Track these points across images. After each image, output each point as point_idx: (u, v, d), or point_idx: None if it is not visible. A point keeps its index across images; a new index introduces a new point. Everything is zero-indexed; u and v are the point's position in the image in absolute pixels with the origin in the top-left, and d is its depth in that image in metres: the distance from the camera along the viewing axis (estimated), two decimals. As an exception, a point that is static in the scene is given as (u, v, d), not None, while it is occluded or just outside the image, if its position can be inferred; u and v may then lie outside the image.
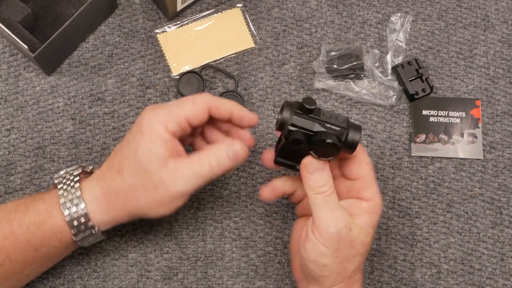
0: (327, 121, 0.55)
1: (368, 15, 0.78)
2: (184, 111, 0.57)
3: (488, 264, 0.71)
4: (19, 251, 0.57)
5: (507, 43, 0.78)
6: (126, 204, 0.57)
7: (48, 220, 0.57)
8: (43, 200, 0.59)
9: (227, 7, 0.77)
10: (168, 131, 0.56)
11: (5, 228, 0.57)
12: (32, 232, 0.57)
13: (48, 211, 0.58)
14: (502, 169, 0.74)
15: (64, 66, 0.74)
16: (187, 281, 0.69)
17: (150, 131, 0.56)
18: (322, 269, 0.56)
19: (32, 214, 0.57)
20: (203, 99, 0.58)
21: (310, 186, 0.56)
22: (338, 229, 0.54)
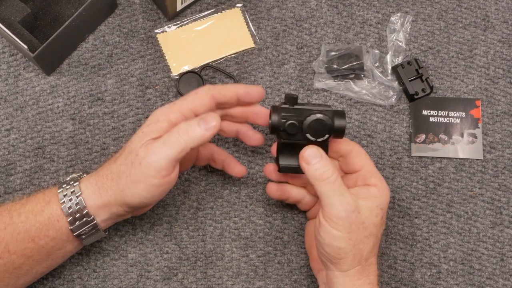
0: (312, 107, 0.60)
1: (368, 15, 0.78)
2: (187, 101, 0.58)
3: (488, 264, 0.71)
4: (17, 242, 0.58)
5: (507, 43, 0.78)
6: (116, 186, 0.58)
7: (46, 209, 0.59)
8: (43, 192, 0.61)
9: (227, 7, 0.77)
10: (168, 120, 0.58)
11: (5, 219, 0.59)
12: (30, 220, 0.58)
13: (47, 200, 0.59)
14: (502, 169, 0.74)
15: (64, 66, 0.74)
16: (187, 281, 0.69)
17: (151, 120, 0.58)
18: (338, 252, 0.58)
19: (31, 204, 0.59)
20: (205, 88, 0.60)
21: (313, 176, 0.58)
22: (347, 213, 0.57)
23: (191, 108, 0.58)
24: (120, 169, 0.58)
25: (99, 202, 0.59)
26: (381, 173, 0.72)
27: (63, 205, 0.58)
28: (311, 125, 0.60)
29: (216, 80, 0.75)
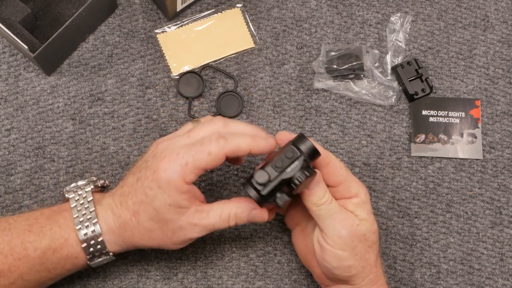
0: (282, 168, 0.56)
1: (368, 15, 0.78)
2: (201, 163, 0.55)
3: (487, 264, 0.71)
4: (33, 272, 0.58)
5: (507, 43, 0.78)
6: (141, 241, 0.59)
7: (64, 247, 0.58)
8: (58, 224, 0.58)
9: (227, 7, 0.77)
10: (186, 182, 0.56)
11: (19, 250, 0.57)
12: (47, 256, 0.58)
13: (64, 237, 0.58)
14: (502, 169, 0.74)
15: (64, 66, 0.75)
16: (187, 281, 0.69)
17: (168, 185, 0.55)
18: (348, 271, 0.58)
19: (48, 240, 0.57)
20: (219, 148, 0.55)
21: (312, 201, 0.58)
22: (348, 230, 0.57)
23: (203, 169, 0.56)
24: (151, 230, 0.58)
25: (120, 248, 0.60)
26: (381, 173, 0.73)
27: (84, 244, 0.58)
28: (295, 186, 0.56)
29: (216, 80, 0.75)
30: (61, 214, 0.59)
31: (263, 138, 0.57)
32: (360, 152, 0.74)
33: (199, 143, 0.56)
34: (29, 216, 0.60)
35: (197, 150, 0.55)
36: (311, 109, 0.74)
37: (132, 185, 0.58)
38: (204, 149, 0.55)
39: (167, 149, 0.57)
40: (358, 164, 0.73)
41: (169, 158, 0.56)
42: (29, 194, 0.70)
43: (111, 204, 0.59)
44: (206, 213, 0.57)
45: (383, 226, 0.71)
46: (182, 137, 0.58)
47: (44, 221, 0.59)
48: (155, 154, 0.58)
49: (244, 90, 0.75)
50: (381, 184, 0.73)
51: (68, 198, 0.60)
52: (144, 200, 0.56)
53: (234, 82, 0.75)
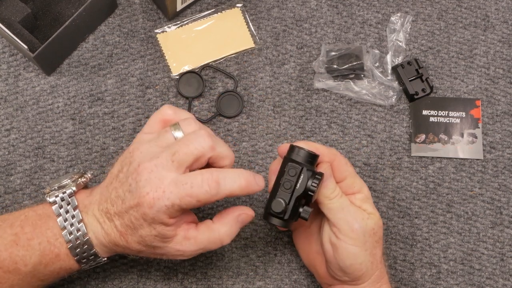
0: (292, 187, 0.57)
1: (368, 15, 0.78)
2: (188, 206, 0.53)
3: (488, 264, 0.71)
4: (24, 283, 0.57)
5: (507, 43, 0.78)
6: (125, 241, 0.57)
7: (56, 261, 0.56)
8: (47, 238, 0.56)
9: (227, 7, 0.77)
10: (171, 218, 0.54)
11: (8, 263, 0.55)
12: (39, 270, 0.56)
13: (55, 252, 0.56)
14: (502, 169, 0.74)
15: (64, 66, 0.74)
16: (187, 281, 0.69)
17: (153, 220, 0.53)
18: (359, 268, 0.58)
19: (38, 255, 0.56)
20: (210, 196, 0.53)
21: (325, 195, 0.58)
22: (359, 223, 0.58)
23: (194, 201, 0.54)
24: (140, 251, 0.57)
25: (112, 252, 0.59)
26: (381, 173, 0.73)
27: (77, 257, 0.56)
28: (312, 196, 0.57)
29: (216, 80, 0.75)
30: (46, 223, 0.56)
31: (255, 183, 0.56)
32: (360, 152, 0.73)
33: (188, 184, 0.53)
34: (14, 222, 0.57)
35: (186, 193, 0.53)
36: (311, 109, 0.74)
37: (116, 204, 0.55)
38: (193, 194, 0.53)
39: (150, 182, 0.53)
40: (359, 164, 0.73)
41: (154, 195, 0.52)
42: (29, 194, 0.70)
43: (98, 217, 0.56)
44: (193, 239, 0.56)
45: (383, 226, 0.71)
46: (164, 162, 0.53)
47: (30, 231, 0.56)
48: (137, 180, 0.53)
49: (244, 90, 0.75)
50: (381, 184, 0.72)
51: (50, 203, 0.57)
52: (130, 226, 0.55)
53: (234, 82, 0.75)
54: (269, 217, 0.57)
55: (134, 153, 0.55)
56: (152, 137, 0.57)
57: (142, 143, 0.56)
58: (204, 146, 0.54)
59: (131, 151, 0.56)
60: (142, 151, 0.55)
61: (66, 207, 0.56)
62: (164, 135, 0.56)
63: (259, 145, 0.73)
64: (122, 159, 0.57)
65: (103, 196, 0.57)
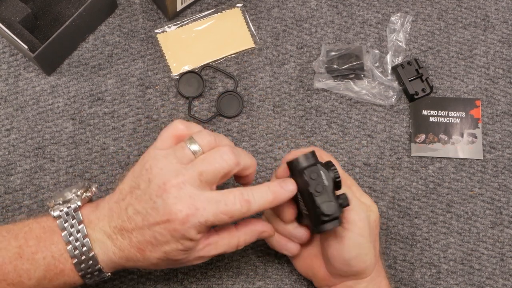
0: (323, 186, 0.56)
1: (368, 15, 0.78)
2: (220, 223, 0.54)
3: (488, 264, 0.71)
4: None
5: (507, 43, 0.78)
6: (144, 268, 0.58)
7: (61, 277, 0.56)
8: (51, 253, 0.55)
9: (227, 7, 0.77)
10: (200, 233, 0.54)
11: (12, 276, 0.55)
12: (43, 285, 0.56)
13: (60, 268, 0.56)
14: (502, 169, 0.74)
15: (64, 66, 0.74)
16: (187, 281, 0.69)
17: (183, 237, 0.54)
18: (364, 260, 0.59)
19: (42, 270, 0.55)
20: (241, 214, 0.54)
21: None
22: (366, 213, 0.58)
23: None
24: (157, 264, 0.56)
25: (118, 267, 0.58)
26: (381, 173, 0.73)
27: (81, 272, 0.56)
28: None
29: (216, 80, 0.75)
30: (51, 237, 0.56)
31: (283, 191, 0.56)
32: (360, 152, 0.74)
33: (222, 202, 0.54)
34: (18, 233, 0.56)
35: (220, 210, 0.53)
36: (311, 109, 0.74)
37: (135, 221, 0.55)
38: (228, 211, 0.54)
39: (181, 200, 0.53)
40: (358, 164, 0.73)
41: (188, 212, 0.53)
42: (29, 194, 0.70)
43: (109, 234, 0.56)
44: (214, 245, 0.57)
45: (383, 226, 0.71)
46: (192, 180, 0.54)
47: (35, 244, 0.55)
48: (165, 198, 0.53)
49: (244, 90, 0.75)
50: (381, 184, 0.73)
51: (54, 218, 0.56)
52: (153, 242, 0.54)
53: (234, 82, 0.75)
54: (325, 226, 0.56)
55: (152, 170, 0.54)
56: (168, 153, 0.56)
57: (159, 159, 0.55)
58: (230, 163, 0.55)
59: (147, 168, 0.55)
60: (161, 168, 0.54)
61: (71, 222, 0.56)
62: (181, 151, 0.56)
63: (259, 145, 0.73)
64: (136, 175, 0.56)
65: (114, 212, 0.56)
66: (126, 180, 0.57)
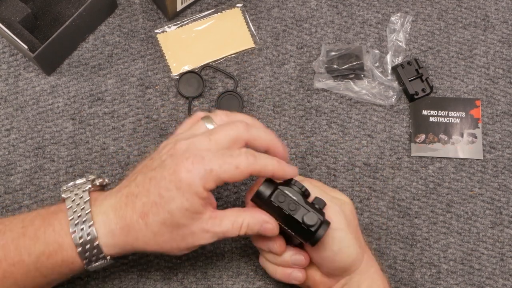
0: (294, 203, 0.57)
1: (368, 15, 0.78)
2: (226, 175, 0.54)
3: (488, 264, 0.71)
4: (28, 278, 0.56)
5: (507, 43, 0.78)
6: (145, 245, 0.56)
7: (59, 252, 0.56)
8: (52, 227, 0.56)
9: (227, 7, 0.77)
10: (205, 189, 0.54)
11: (13, 255, 0.55)
12: (41, 261, 0.56)
13: (59, 242, 0.55)
14: (502, 169, 0.74)
15: (64, 66, 0.75)
16: (187, 281, 0.69)
17: (189, 188, 0.53)
18: (348, 253, 0.59)
19: (42, 244, 0.55)
20: (247, 165, 0.54)
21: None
22: (340, 207, 0.59)
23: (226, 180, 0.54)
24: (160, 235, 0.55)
25: (120, 252, 0.57)
26: (381, 173, 0.73)
27: (79, 249, 0.55)
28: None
29: (216, 80, 0.75)
30: (56, 215, 0.57)
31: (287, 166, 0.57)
32: (360, 152, 0.74)
33: (228, 154, 0.54)
34: (26, 217, 0.58)
35: (225, 161, 0.54)
36: (311, 109, 0.74)
37: (143, 184, 0.55)
38: (233, 161, 0.54)
39: (189, 151, 0.54)
40: (358, 164, 0.73)
41: (194, 160, 0.53)
42: (29, 194, 0.70)
43: (114, 205, 0.56)
44: (219, 219, 0.56)
45: (383, 226, 0.71)
46: (202, 139, 0.56)
47: (39, 223, 0.56)
48: (174, 154, 0.55)
49: (244, 90, 0.75)
50: (381, 184, 0.73)
51: (64, 198, 0.58)
52: (158, 202, 0.54)
53: (234, 82, 0.75)
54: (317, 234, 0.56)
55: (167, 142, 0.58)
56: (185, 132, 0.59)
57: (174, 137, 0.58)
58: (240, 128, 0.56)
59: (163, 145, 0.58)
60: (175, 136, 0.58)
61: (77, 201, 0.57)
62: (196, 126, 0.58)
63: (259, 145, 0.73)
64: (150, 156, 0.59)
65: (122, 186, 0.57)
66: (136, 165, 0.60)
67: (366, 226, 0.71)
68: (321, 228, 0.56)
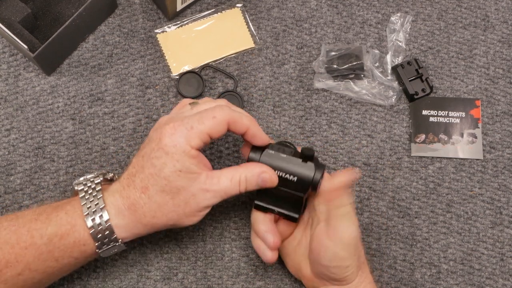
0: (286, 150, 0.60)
1: (368, 15, 0.78)
2: (206, 126, 0.56)
3: (488, 264, 0.71)
4: (40, 261, 0.57)
5: (507, 43, 0.78)
6: (153, 219, 0.58)
7: (71, 233, 0.57)
8: (65, 211, 0.58)
9: (227, 7, 0.77)
10: (191, 147, 0.56)
11: (26, 238, 0.56)
12: (54, 243, 0.57)
13: (71, 223, 0.57)
14: (502, 169, 0.74)
15: (64, 66, 0.75)
16: (187, 281, 0.69)
17: (175, 149, 0.56)
18: (345, 271, 0.59)
19: (54, 226, 0.57)
20: (224, 113, 0.57)
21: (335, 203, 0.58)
22: (356, 233, 0.58)
23: (208, 133, 0.57)
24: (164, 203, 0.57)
25: (131, 233, 0.59)
26: (381, 173, 0.73)
27: (91, 230, 0.57)
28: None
29: (216, 80, 0.75)
30: (69, 203, 0.59)
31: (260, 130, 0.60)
32: (360, 152, 0.74)
33: (203, 111, 0.57)
34: (37, 208, 0.59)
35: (202, 115, 0.57)
36: (311, 109, 0.74)
37: (137, 163, 0.58)
38: (209, 114, 0.57)
39: (170, 119, 0.58)
40: (358, 164, 0.73)
41: (174, 124, 0.56)
42: (29, 194, 0.70)
43: (118, 188, 0.58)
44: (216, 178, 0.58)
45: (383, 226, 0.71)
46: (184, 110, 0.59)
47: (52, 210, 0.58)
48: (157, 128, 0.58)
49: (244, 90, 0.75)
50: (381, 184, 0.73)
51: (77, 190, 0.59)
52: (153, 172, 0.56)
53: (234, 82, 0.75)
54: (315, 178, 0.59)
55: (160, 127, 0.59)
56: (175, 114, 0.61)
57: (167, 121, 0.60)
58: (220, 101, 0.60)
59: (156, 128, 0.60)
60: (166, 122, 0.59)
61: (89, 190, 0.59)
62: (182, 109, 0.61)
63: (259, 145, 0.73)
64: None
65: (126, 171, 0.59)
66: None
67: (366, 226, 0.71)
68: (317, 172, 0.58)
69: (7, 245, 0.56)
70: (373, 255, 0.70)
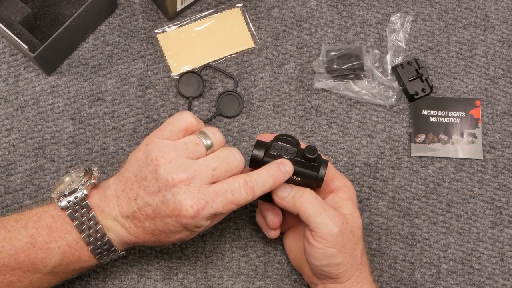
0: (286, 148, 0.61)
1: (368, 15, 0.78)
2: (227, 212, 0.57)
3: (487, 264, 0.71)
4: (44, 281, 0.58)
5: (507, 43, 0.78)
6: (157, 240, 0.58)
7: (77, 261, 0.58)
8: (66, 242, 0.57)
9: (227, 7, 0.77)
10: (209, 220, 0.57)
11: (27, 265, 0.56)
12: (59, 269, 0.58)
13: (77, 255, 0.57)
14: (502, 169, 0.74)
15: (64, 66, 0.75)
16: (187, 281, 0.69)
17: (195, 227, 0.56)
18: (337, 268, 0.59)
19: (58, 257, 0.57)
20: (247, 200, 0.56)
21: (295, 204, 0.59)
22: (339, 227, 0.58)
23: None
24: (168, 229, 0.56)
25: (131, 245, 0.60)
26: (381, 173, 0.73)
27: (98, 256, 0.58)
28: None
29: (216, 80, 0.75)
30: (63, 227, 0.57)
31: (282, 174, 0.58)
32: (360, 152, 0.74)
33: (229, 192, 0.55)
34: (27, 223, 0.57)
35: (229, 200, 0.55)
36: (311, 109, 0.74)
37: (144, 211, 0.56)
38: (235, 201, 0.55)
39: (189, 191, 0.54)
40: (358, 164, 0.73)
41: (198, 206, 0.54)
42: (29, 194, 0.70)
43: (121, 221, 0.57)
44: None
45: (383, 226, 0.71)
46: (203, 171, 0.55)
47: (47, 234, 0.56)
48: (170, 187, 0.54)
49: (244, 90, 0.75)
50: (381, 184, 0.73)
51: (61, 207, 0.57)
52: (166, 232, 0.57)
53: (234, 82, 0.75)
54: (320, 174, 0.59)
55: (159, 161, 0.55)
56: (178, 146, 0.56)
57: (166, 152, 0.55)
58: (241, 164, 0.57)
59: (153, 159, 0.55)
60: (170, 161, 0.55)
61: (81, 211, 0.57)
62: (194, 147, 0.56)
63: (259, 145, 0.73)
64: (142, 164, 0.56)
65: (123, 202, 0.57)
66: (130, 168, 0.57)
67: (366, 226, 0.71)
68: (321, 169, 0.59)
69: (8, 268, 0.56)
70: (373, 255, 0.70)
